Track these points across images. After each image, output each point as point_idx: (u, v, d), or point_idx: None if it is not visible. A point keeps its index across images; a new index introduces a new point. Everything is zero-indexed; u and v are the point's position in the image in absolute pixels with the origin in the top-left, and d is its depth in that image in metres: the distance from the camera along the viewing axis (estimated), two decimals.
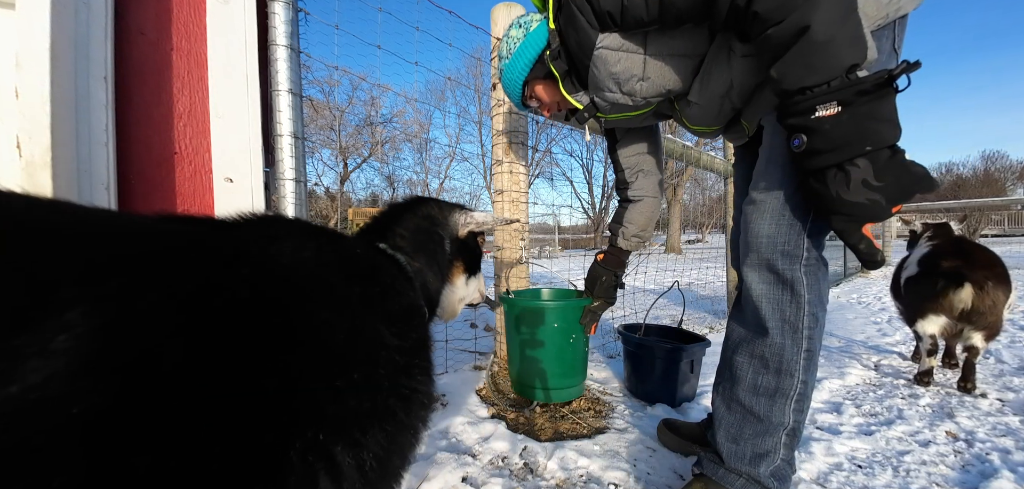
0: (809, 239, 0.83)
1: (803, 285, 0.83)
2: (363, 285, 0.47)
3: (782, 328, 0.85)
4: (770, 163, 0.86)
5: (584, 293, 1.45)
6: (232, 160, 1.05)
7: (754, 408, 0.87)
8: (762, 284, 0.87)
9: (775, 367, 0.85)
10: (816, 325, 0.84)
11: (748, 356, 0.89)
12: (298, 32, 1.09)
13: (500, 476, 1.04)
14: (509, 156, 1.62)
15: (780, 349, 0.84)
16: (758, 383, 0.87)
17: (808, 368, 0.85)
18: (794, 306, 0.84)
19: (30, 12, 0.76)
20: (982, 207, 8.82)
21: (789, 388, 0.84)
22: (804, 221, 0.82)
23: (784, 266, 0.84)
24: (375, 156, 18.86)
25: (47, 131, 0.77)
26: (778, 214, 0.84)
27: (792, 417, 0.85)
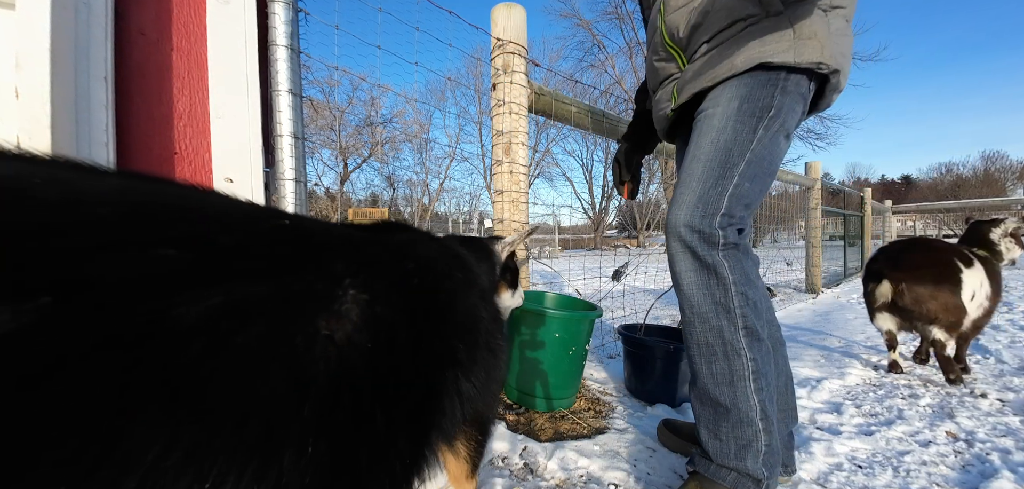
0: (722, 227, 0.89)
1: (725, 267, 0.89)
2: (463, 273, 0.65)
3: (716, 310, 0.89)
4: (694, 160, 0.94)
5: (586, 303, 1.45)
6: (232, 160, 1.05)
7: (720, 398, 0.89)
8: (690, 272, 0.92)
9: (722, 351, 0.89)
10: (747, 304, 0.88)
11: (697, 347, 0.93)
12: (298, 32, 1.09)
13: (500, 476, 1.04)
14: (509, 156, 1.62)
15: (719, 331, 0.89)
16: (714, 371, 0.90)
17: (753, 346, 0.88)
18: (721, 289, 0.89)
19: (30, 12, 0.76)
20: (982, 207, 8.82)
21: (742, 369, 0.88)
22: (716, 212, 0.89)
23: (704, 251, 0.89)
24: (375, 156, 18.87)
25: (47, 131, 0.77)
26: (693, 205, 0.91)
27: (756, 399, 0.87)
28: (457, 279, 0.60)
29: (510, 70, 1.54)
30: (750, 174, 0.90)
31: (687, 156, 0.96)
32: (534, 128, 18.45)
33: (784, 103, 0.89)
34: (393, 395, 0.40)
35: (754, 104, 0.89)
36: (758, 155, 0.90)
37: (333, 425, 0.34)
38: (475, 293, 0.65)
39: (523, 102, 1.59)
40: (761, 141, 0.89)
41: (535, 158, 21.89)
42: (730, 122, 0.90)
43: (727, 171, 0.89)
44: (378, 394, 0.39)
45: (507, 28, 1.53)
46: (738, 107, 0.89)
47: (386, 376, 0.40)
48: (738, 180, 0.89)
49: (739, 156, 0.89)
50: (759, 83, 0.89)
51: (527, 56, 1.59)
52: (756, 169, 0.90)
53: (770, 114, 0.88)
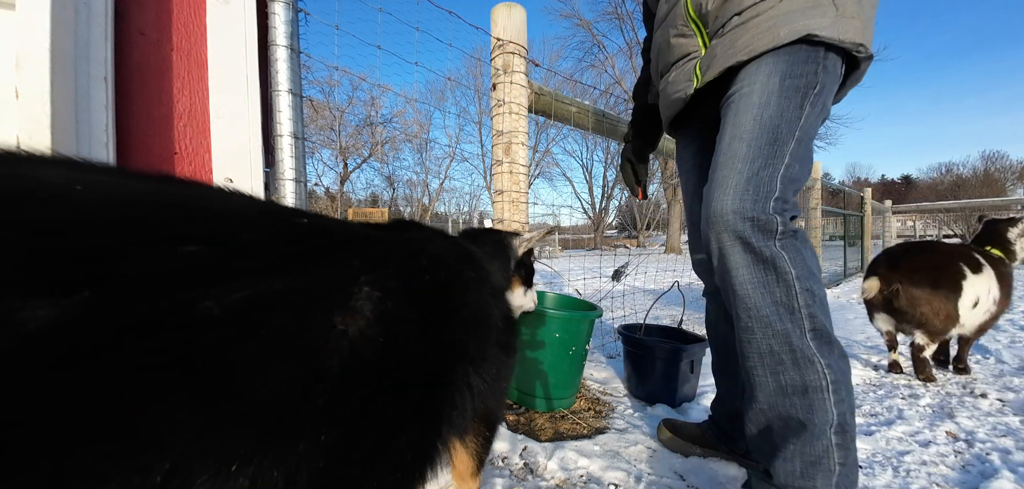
0: (778, 212, 0.79)
1: (785, 260, 0.78)
2: (474, 271, 0.66)
3: (778, 312, 0.78)
4: (734, 140, 0.83)
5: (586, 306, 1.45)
6: (232, 160, 1.05)
7: (790, 412, 0.78)
8: (743, 268, 0.81)
9: (790, 360, 0.77)
10: (814, 301, 0.78)
11: (758, 356, 0.81)
12: (298, 32, 1.09)
13: (500, 476, 1.04)
14: (509, 156, 1.62)
15: (785, 336, 0.77)
16: (783, 383, 0.79)
17: (825, 351, 0.77)
18: (783, 286, 0.78)
19: (30, 12, 0.76)
20: (982, 207, 8.82)
21: (817, 379, 0.76)
22: (770, 196, 0.79)
23: (760, 241, 0.79)
24: (375, 156, 18.87)
25: (47, 131, 0.77)
26: (742, 188, 0.80)
27: (835, 411, 0.76)
28: (468, 277, 0.62)
29: (510, 70, 1.54)
30: (799, 155, 0.81)
31: (724, 138, 0.86)
32: (534, 128, 18.46)
33: (826, 81, 0.81)
34: (403, 389, 0.42)
35: (798, 80, 0.80)
36: (805, 134, 0.81)
37: (346, 415, 0.36)
38: (486, 290, 0.66)
39: (523, 102, 1.59)
40: (808, 119, 0.81)
41: (535, 158, 21.89)
42: (773, 97, 0.81)
43: (778, 149, 0.80)
44: (389, 387, 0.40)
45: (507, 28, 1.53)
46: (780, 82, 0.80)
47: (397, 370, 0.41)
48: (789, 160, 0.80)
49: (788, 134, 0.80)
50: (800, 58, 0.80)
51: (527, 56, 1.59)
52: (804, 150, 0.81)
53: (815, 91, 0.80)
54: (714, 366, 1.20)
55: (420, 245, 0.56)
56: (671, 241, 14.65)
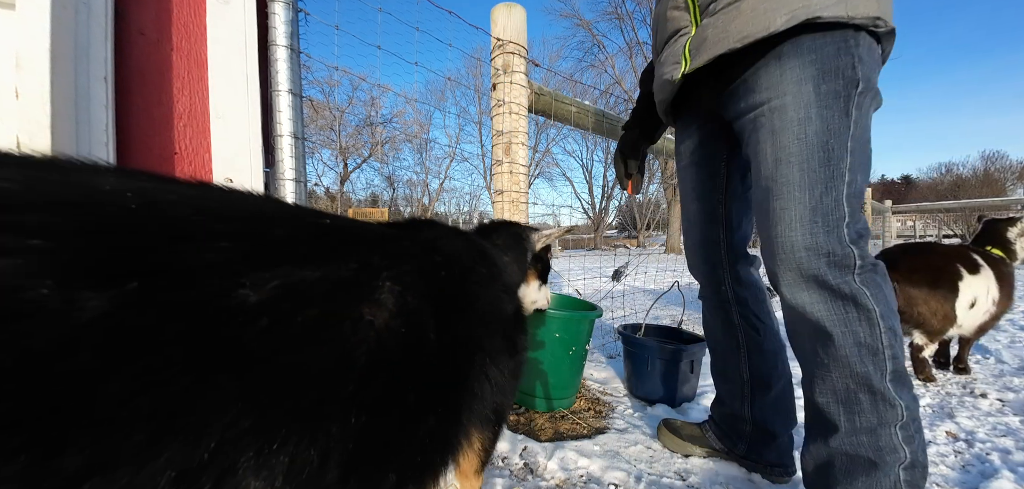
0: (854, 242, 0.72)
1: (867, 296, 0.71)
2: (487, 267, 0.68)
3: (860, 354, 0.72)
4: (780, 164, 0.76)
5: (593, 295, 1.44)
6: (232, 160, 1.05)
7: (860, 451, 0.74)
8: (819, 305, 0.74)
9: (868, 402, 0.72)
10: (896, 340, 0.72)
11: (832, 395, 0.76)
12: (298, 32, 1.08)
13: (500, 476, 1.04)
14: (509, 156, 1.62)
15: (866, 379, 0.72)
16: (857, 424, 0.74)
17: (903, 392, 0.72)
18: (866, 325, 0.71)
19: (30, 12, 0.76)
20: (982, 207, 8.82)
21: (893, 418, 0.72)
22: (840, 222, 0.71)
23: (837, 280, 0.72)
24: (375, 156, 18.88)
25: (47, 131, 0.77)
26: (810, 219, 0.73)
27: (905, 449, 0.71)
28: (480, 273, 0.64)
29: (510, 70, 1.54)
30: (858, 165, 0.73)
31: (766, 159, 0.78)
32: (534, 128, 18.46)
33: (868, 71, 0.72)
34: (424, 377, 0.45)
35: (835, 81, 0.72)
36: (859, 141, 0.73)
37: (372, 400, 0.39)
38: (498, 286, 0.69)
39: (523, 102, 1.59)
40: (858, 124, 0.72)
41: (535, 158, 21.89)
42: (813, 110, 0.73)
43: (835, 169, 0.72)
44: (411, 375, 0.43)
45: (507, 28, 1.53)
46: (816, 89, 0.72)
47: (417, 360, 0.44)
48: (849, 177, 0.72)
49: (841, 147, 0.72)
50: (830, 53, 0.72)
51: (527, 56, 1.59)
52: (861, 157, 0.73)
53: (858, 89, 0.71)
54: (713, 368, 1.20)
55: (434, 243, 0.58)
56: (671, 241, 14.65)
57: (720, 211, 1.08)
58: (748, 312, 1.10)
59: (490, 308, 0.62)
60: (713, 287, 1.14)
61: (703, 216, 1.11)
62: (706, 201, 1.10)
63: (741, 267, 1.10)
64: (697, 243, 1.14)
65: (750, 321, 1.09)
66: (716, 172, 1.07)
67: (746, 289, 1.10)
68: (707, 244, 1.12)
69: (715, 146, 1.06)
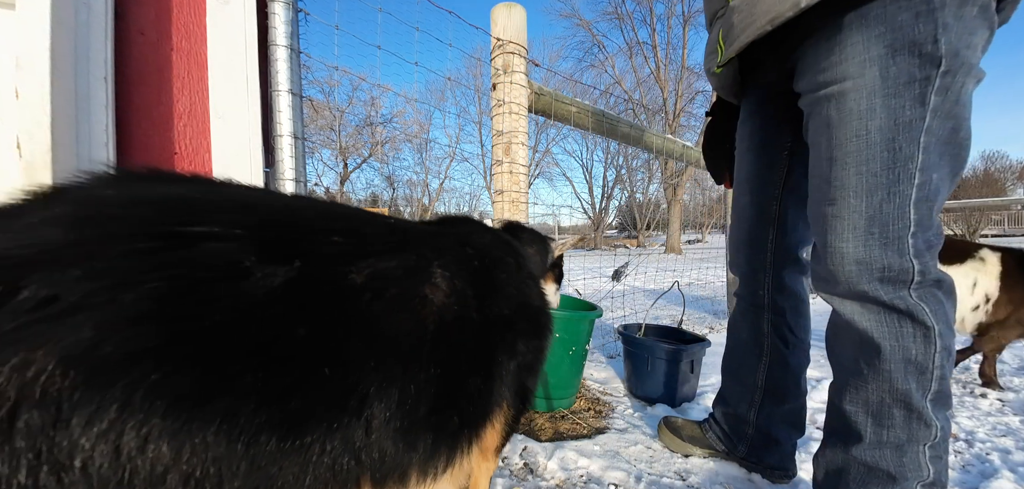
0: (918, 255, 0.65)
1: (925, 313, 0.65)
2: (514, 258, 0.76)
3: (905, 371, 0.67)
4: (835, 163, 0.68)
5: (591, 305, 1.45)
6: (232, 160, 1.05)
7: (881, 464, 0.70)
8: (869, 318, 0.69)
9: (902, 418, 0.68)
10: (948, 360, 0.66)
11: (863, 406, 0.72)
12: (298, 32, 1.09)
13: (500, 476, 1.04)
14: (509, 156, 1.62)
15: (905, 396, 0.67)
16: (884, 438, 0.70)
17: (940, 414, 0.67)
18: (921, 342, 0.66)
19: (30, 12, 0.76)
20: (982, 207, 8.82)
21: (924, 437, 0.68)
22: (903, 232, 0.64)
23: (891, 296, 0.66)
24: (375, 156, 18.88)
25: (47, 131, 0.77)
26: (864, 230, 0.66)
27: (930, 468, 0.67)
28: (508, 263, 0.74)
29: (510, 70, 1.54)
30: (936, 161, 0.62)
31: (821, 154, 0.70)
32: (534, 128, 18.45)
33: (958, 42, 0.58)
34: (470, 345, 0.56)
35: (909, 60, 0.60)
36: (941, 131, 0.61)
37: (440, 359, 0.49)
38: (524, 275, 0.78)
39: (523, 102, 1.59)
40: (939, 112, 0.60)
41: (535, 158, 21.89)
42: (876, 99, 0.62)
43: (901, 171, 0.63)
44: (461, 343, 0.54)
45: (507, 28, 1.53)
46: (882, 72, 0.62)
47: (465, 331, 0.55)
48: (921, 178, 0.62)
49: (911, 144, 0.62)
50: (905, 20, 0.59)
51: (527, 56, 1.59)
52: (944, 149, 0.62)
53: (940, 70, 0.59)
54: (725, 364, 1.16)
55: (467, 237, 0.68)
56: (671, 241, 14.64)
57: (774, 208, 0.96)
58: (782, 323, 1.02)
59: (516, 293, 0.71)
60: (750, 289, 1.05)
61: (753, 213, 0.99)
62: (759, 195, 0.97)
63: (787, 274, 1.00)
64: (742, 242, 1.04)
65: (781, 333, 1.02)
66: (775, 162, 0.93)
67: (786, 298, 1.01)
68: (753, 244, 1.01)
69: (778, 131, 0.91)
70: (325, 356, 0.39)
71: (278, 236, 0.40)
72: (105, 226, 0.34)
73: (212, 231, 0.36)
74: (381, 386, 0.42)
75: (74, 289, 0.29)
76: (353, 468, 0.41)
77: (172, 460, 0.31)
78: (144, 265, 0.32)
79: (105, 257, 0.32)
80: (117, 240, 0.33)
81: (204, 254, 0.35)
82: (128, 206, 0.37)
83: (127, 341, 0.30)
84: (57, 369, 0.28)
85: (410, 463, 0.47)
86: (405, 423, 0.45)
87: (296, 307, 0.37)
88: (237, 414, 0.33)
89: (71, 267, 0.30)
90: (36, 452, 0.27)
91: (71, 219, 0.34)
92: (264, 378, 0.35)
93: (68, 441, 0.28)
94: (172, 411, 0.31)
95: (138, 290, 0.31)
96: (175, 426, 0.31)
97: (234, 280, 0.35)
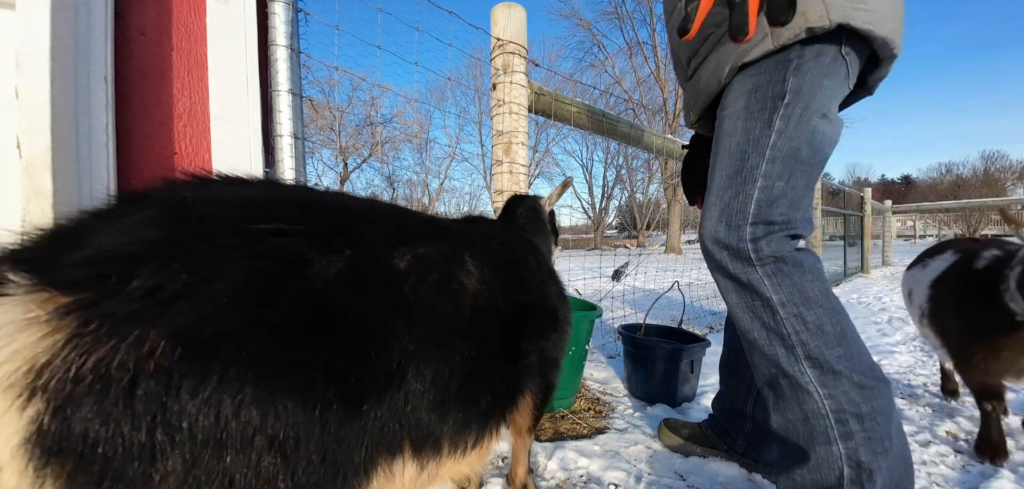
0: (753, 240, 0.77)
1: (765, 286, 0.76)
2: (535, 256, 0.82)
3: (768, 337, 0.77)
4: (713, 167, 0.85)
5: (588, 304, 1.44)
6: (232, 160, 1.05)
7: (793, 439, 0.76)
8: (731, 292, 0.82)
9: (787, 387, 0.75)
10: (805, 328, 0.73)
11: (762, 381, 0.82)
12: (298, 32, 1.08)
13: (500, 476, 1.04)
14: (509, 156, 1.62)
15: (776, 362, 0.76)
16: (783, 410, 0.77)
17: (824, 379, 0.72)
18: (768, 311, 0.76)
19: (30, 12, 0.76)
20: (982, 207, 8.82)
21: (816, 409, 0.72)
22: (743, 222, 0.78)
23: (735, 270, 0.79)
24: (375, 156, 18.88)
25: (47, 131, 0.77)
26: (717, 218, 0.81)
27: (840, 445, 0.70)
28: (529, 261, 0.79)
29: (510, 70, 1.54)
30: (780, 171, 0.77)
31: (711, 162, 0.88)
32: (534, 128, 18.45)
33: (803, 83, 0.76)
34: (498, 330, 0.61)
35: (762, 96, 0.79)
36: (786, 148, 0.77)
37: (473, 340, 0.56)
38: (545, 272, 0.83)
39: (523, 102, 1.59)
40: (783, 133, 0.77)
41: (535, 158, 21.88)
42: (739, 123, 0.81)
43: (747, 175, 0.79)
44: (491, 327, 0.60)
45: (507, 28, 1.53)
46: (745, 104, 0.81)
47: (494, 316, 0.60)
48: (763, 182, 0.77)
49: (758, 155, 0.78)
50: (765, 72, 0.79)
51: (527, 56, 1.59)
52: (789, 163, 0.77)
53: (784, 102, 0.76)
54: (722, 361, 1.18)
55: (491, 234, 0.73)
56: (671, 241, 14.64)
57: None
58: None
59: (537, 289, 0.76)
60: None
61: None
62: None
63: None
64: None
65: None
66: None
67: None
68: None
69: None
70: (377, 334, 0.45)
71: (332, 229, 0.46)
72: (193, 225, 0.39)
73: (278, 228, 0.42)
74: (419, 364, 0.48)
75: (176, 279, 0.35)
76: (398, 432, 0.47)
77: (260, 423, 0.36)
78: (228, 258, 0.38)
79: (197, 252, 0.37)
80: (204, 237, 0.38)
81: (273, 249, 0.40)
82: (210, 207, 0.42)
83: (221, 323, 0.35)
84: (168, 346, 0.33)
85: (442, 434, 0.52)
86: (439, 397, 0.50)
87: (351, 292, 0.44)
88: (313, 385, 0.39)
89: (172, 261, 0.35)
90: (153, 415, 0.32)
91: (164, 220, 0.39)
92: (330, 355, 0.41)
93: (178, 406, 0.33)
94: (260, 382, 0.36)
95: (226, 280, 0.37)
96: (262, 395, 0.36)
97: (299, 269, 0.41)
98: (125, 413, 0.32)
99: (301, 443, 0.38)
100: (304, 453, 0.38)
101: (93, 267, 0.34)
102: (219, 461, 0.34)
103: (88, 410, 0.31)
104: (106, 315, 0.32)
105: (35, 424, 0.30)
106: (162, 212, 0.40)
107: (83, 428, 0.31)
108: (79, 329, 0.32)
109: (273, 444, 0.36)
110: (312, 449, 0.39)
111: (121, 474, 0.32)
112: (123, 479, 0.32)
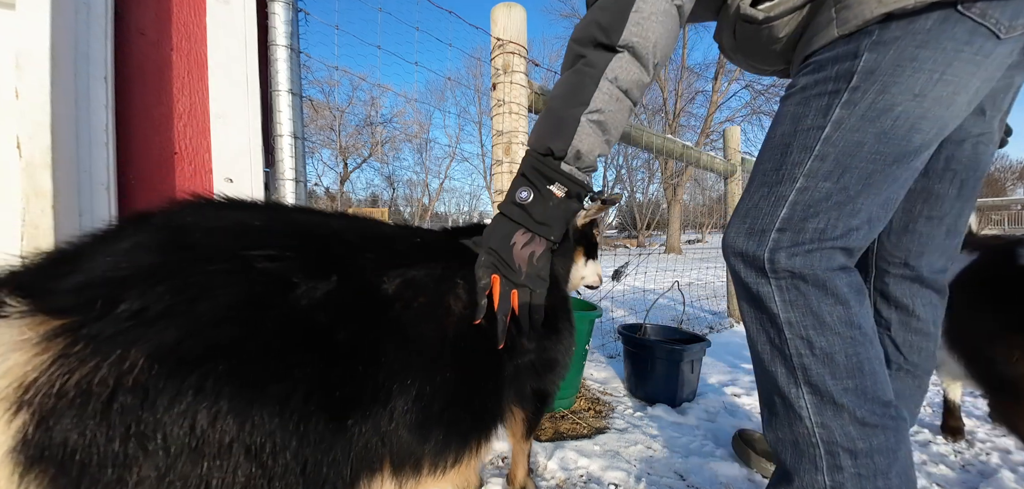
0: (773, 250, 0.67)
1: (774, 301, 0.68)
2: None
3: (771, 354, 0.70)
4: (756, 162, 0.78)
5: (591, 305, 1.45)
6: (232, 160, 1.05)
7: (784, 458, 0.70)
8: (744, 301, 0.75)
9: (781, 407, 0.69)
10: (811, 354, 0.65)
11: (759, 390, 0.77)
12: (298, 32, 1.09)
13: (500, 476, 1.04)
14: (509, 156, 1.62)
15: (774, 379, 0.70)
16: (776, 427, 0.71)
17: (824, 412, 0.64)
18: (774, 329, 0.69)
19: (30, 12, 0.76)
20: (982, 207, 8.83)
21: (806, 436, 0.66)
22: (768, 227, 0.68)
23: (749, 277, 0.71)
24: (375, 156, 18.89)
25: (47, 131, 0.77)
26: (740, 219, 0.73)
27: (826, 479, 0.64)
28: None
29: (510, 70, 1.54)
30: (829, 170, 0.64)
31: None
32: None
33: (882, 61, 0.60)
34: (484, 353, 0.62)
35: (822, 81, 0.65)
36: (842, 143, 0.63)
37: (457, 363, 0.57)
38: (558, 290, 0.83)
39: (523, 102, 1.59)
40: (842, 124, 0.63)
41: None
42: (791, 107, 0.69)
43: (785, 172, 0.67)
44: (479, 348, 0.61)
45: (507, 28, 1.53)
46: (801, 88, 0.69)
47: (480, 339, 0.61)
48: (804, 182, 0.66)
49: (801, 150, 0.66)
50: (834, 54, 0.65)
51: (527, 56, 1.59)
52: (845, 160, 0.64)
53: (850, 84, 0.62)
54: None
55: None
56: (671, 241, 14.64)
57: None
58: (885, 337, 0.94)
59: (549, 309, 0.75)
60: None
61: None
62: None
63: (893, 281, 0.92)
64: None
65: (883, 347, 0.91)
66: None
67: (893, 310, 0.93)
68: None
69: None
70: (360, 355, 0.48)
71: (321, 255, 0.50)
72: (185, 251, 0.43)
73: (268, 254, 0.45)
74: (404, 383, 0.51)
75: (160, 301, 0.38)
76: (380, 449, 0.50)
77: (236, 433, 0.38)
78: (215, 282, 0.41)
79: (185, 276, 0.41)
80: (195, 263, 0.42)
81: (261, 273, 0.44)
82: (205, 233, 0.46)
83: (201, 341, 0.38)
84: (146, 363, 0.36)
85: (423, 454, 0.54)
86: (420, 417, 0.52)
87: (335, 314, 0.46)
88: (289, 398, 0.41)
89: (158, 284, 0.39)
90: (126, 427, 0.35)
91: (159, 245, 0.43)
92: (310, 372, 0.43)
93: (152, 418, 0.36)
94: (237, 394, 0.39)
95: (210, 301, 0.40)
96: (239, 406, 0.39)
97: (284, 293, 0.44)
98: (101, 424, 0.35)
99: (279, 452, 0.41)
100: (281, 462, 0.41)
101: (83, 292, 0.38)
102: (194, 468, 0.37)
103: (68, 422, 0.34)
104: (91, 337, 0.36)
105: (21, 434, 0.34)
106: (159, 237, 0.44)
107: (63, 437, 0.34)
108: (65, 349, 0.35)
109: (251, 451, 0.39)
110: (289, 458, 0.41)
111: (97, 479, 0.35)
112: (99, 483, 0.35)
